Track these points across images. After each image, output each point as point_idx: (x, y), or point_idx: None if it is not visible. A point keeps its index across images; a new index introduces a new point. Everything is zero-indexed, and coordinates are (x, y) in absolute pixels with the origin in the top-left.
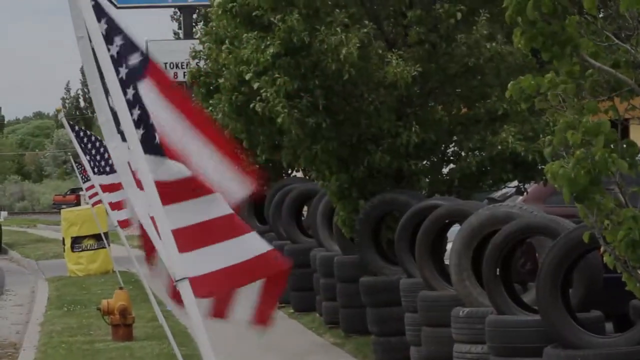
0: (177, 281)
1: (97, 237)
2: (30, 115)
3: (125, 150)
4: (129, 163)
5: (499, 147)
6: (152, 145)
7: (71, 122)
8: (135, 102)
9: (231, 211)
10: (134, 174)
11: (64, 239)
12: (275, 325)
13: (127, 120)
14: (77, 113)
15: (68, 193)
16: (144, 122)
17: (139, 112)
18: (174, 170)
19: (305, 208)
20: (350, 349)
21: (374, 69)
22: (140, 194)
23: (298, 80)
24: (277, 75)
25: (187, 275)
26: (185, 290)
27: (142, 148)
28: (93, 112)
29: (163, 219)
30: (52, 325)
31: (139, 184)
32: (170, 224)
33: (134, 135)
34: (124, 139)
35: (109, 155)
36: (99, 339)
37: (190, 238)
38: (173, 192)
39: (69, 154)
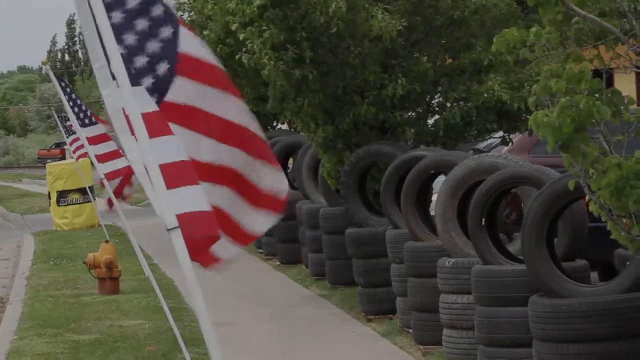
0: (168, 230)
1: (82, 191)
2: (15, 69)
3: (119, 97)
4: (123, 109)
5: (485, 96)
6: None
7: (57, 75)
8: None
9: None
10: (127, 120)
11: (49, 193)
12: (262, 278)
13: (119, 66)
14: (62, 67)
15: (53, 147)
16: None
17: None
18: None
19: (291, 160)
20: (337, 300)
21: (360, 22)
22: (133, 142)
23: (285, 32)
24: (264, 27)
25: (181, 211)
26: (177, 239)
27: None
28: (77, 65)
29: (155, 167)
30: (38, 279)
31: (133, 132)
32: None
33: (127, 82)
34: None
35: (88, 110)
36: (85, 293)
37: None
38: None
39: (52, 108)
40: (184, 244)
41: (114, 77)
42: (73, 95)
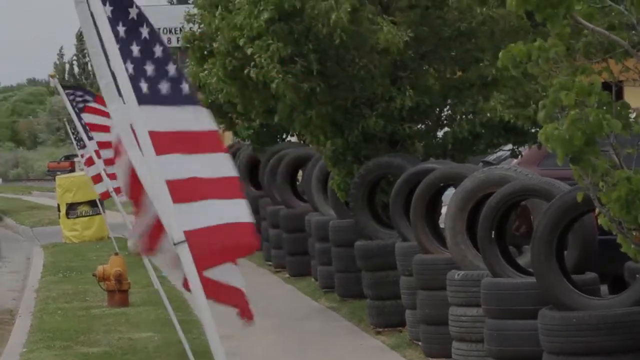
0: (175, 244)
1: (92, 203)
2: (24, 82)
3: (127, 112)
4: (131, 125)
5: (488, 115)
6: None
7: (65, 87)
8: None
9: (234, 174)
10: (135, 136)
11: (59, 206)
12: (271, 290)
13: (125, 83)
14: (71, 80)
15: (62, 160)
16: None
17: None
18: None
19: (300, 172)
20: (346, 313)
21: (366, 34)
22: (141, 157)
23: (291, 46)
24: (270, 40)
25: (184, 231)
26: (184, 254)
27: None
28: (87, 78)
29: (162, 183)
30: (47, 292)
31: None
32: (168, 174)
33: (133, 98)
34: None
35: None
36: (94, 305)
37: (187, 191)
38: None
39: (64, 120)
40: (191, 258)
41: (120, 94)
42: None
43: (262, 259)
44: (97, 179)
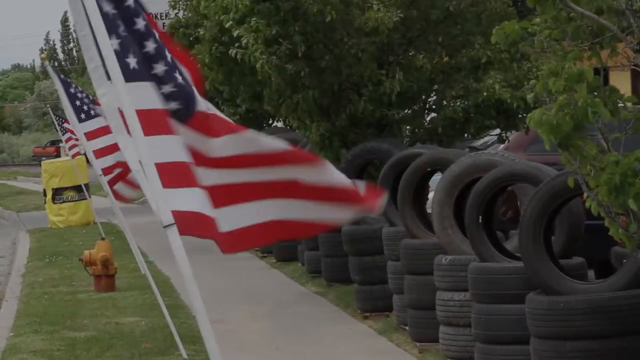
0: (165, 227)
1: (77, 188)
2: (8, 67)
3: (115, 96)
4: (119, 109)
5: (485, 94)
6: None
7: (56, 71)
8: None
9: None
10: (124, 119)
11: (45, 191)
12: (258, 275)
13: (113, 63)
14: (56, 65)
15: (48, 145)
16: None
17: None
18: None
19: None
20: (333, 298)
21: (355, 14)
22: (128, 139)
23: (277, 26)
24: (256, 21)
25: (173, 221)
26: (173, 236)
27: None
28: (72, 64)
29: (151, 165)
30: (34, 277)
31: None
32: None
33: (121, 78)
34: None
35: (94, 99)
36: (81, 290)
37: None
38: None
39: (48, 105)
40: (180, 242)
41: (109, 77)
42: (72, 90)
43: None
44: (99, 153)
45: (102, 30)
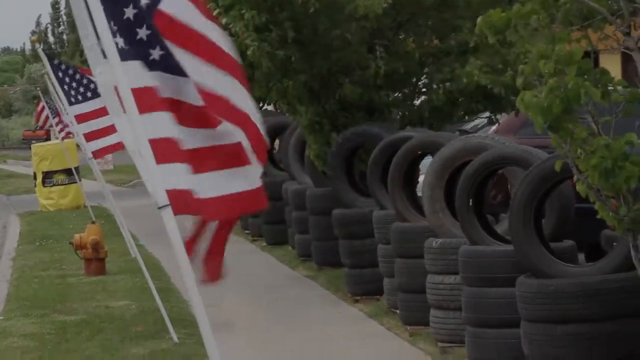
0: (159, 208)
1: (68, 172)
2: None
3: (111, 75)
4: (115, 88)
5: (464, 80)
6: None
7: (47, 54)
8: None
9: (238, 140)
10: (120, 99)
11: (35, 174)
12: (248, 259)
13: (108, 42)
14: (46, 48)
15: (38, 128)
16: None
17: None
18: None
19: (277, 141)
20: (323, 281)
21: (343, 2)
22: (125, 119)
23: (266, 13)
24: (243, 10)
25: (168, 203)
26: (168, 218)
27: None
28: (61, 47)
29: (146, 144)
30: (24, 260)
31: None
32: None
33: (116, 58)
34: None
35: (87, 82)
36: (71, 273)
37: (197, 158)
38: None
39: (39, 88)
40: (175, 223)
41: (105, 56)
42: (70, 71)
43: (240, 227)
44: (90, 136)
45: (97, 6)
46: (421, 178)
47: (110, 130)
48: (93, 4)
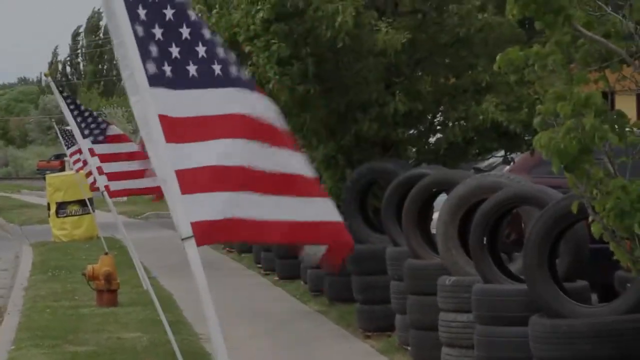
0: (183, 239)
1: (81, 202)
2: (15, 80)
3: (147, 104)
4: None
5: (481, 117)
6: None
7: (59, 88)
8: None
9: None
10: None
11: (49, 204)
12: (260, 293)
13: (139, 68)
14: (63, 79)
15: (52, 159)
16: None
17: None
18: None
19: None
20: (335, 316)
21: (366, 37)
22: (156, 148)
23: (290, 47)
24: (272, 40)
25: (191, 234)
26: (191, 249)
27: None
28: (78, 78)
29: (172, 173)
30: (36, 290)
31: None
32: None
33: (146, 84)
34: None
35: (104, 123)
36: (83, 304)
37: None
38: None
39: (53, 120)
40: (198, 256)
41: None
42: (82, 108)
43: (252, 261)
44: (112, 176)
45: (130, 37)
46: (435, 215)
47: (135, 174)
48: (127, 33)
